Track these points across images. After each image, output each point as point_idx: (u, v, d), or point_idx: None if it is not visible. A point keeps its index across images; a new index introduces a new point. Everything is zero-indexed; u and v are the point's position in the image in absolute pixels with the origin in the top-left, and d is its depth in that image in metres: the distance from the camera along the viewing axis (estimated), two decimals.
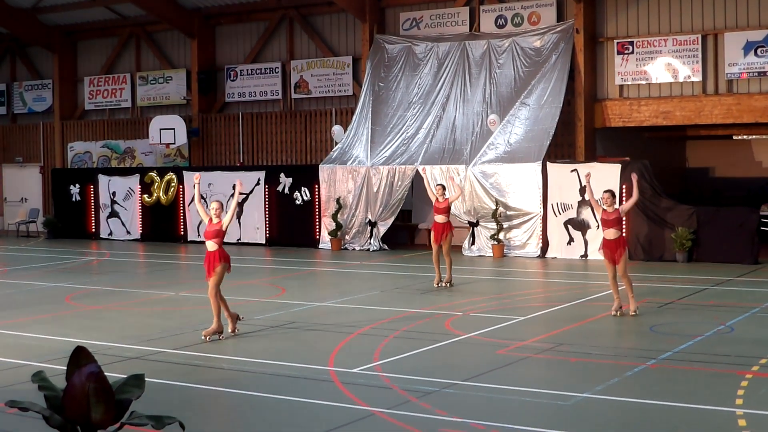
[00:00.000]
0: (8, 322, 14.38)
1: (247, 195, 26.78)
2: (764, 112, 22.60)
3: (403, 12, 27.22)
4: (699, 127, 25.90)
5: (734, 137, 28.98)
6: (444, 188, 18.06)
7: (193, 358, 11.58)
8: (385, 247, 24.86)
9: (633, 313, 13.95)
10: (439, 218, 17.53)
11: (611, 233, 14.04)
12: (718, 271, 19.30)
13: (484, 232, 23.30)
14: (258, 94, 30.01)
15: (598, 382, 9.86)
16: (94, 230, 30.09)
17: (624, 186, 20.99)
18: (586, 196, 14.33)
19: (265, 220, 26.59)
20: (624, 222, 14.61)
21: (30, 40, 33.88)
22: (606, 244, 14.11)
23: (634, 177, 14.92)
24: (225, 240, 13.00)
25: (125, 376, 5.84)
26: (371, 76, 26.64)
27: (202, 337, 12.63)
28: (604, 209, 14.17)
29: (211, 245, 12.75)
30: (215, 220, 12.80)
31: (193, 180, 13.94)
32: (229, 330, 12.97)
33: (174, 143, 30.11)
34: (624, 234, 14.22)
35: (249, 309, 15.24)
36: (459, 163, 23.59)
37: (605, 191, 14.48)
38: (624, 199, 20.25)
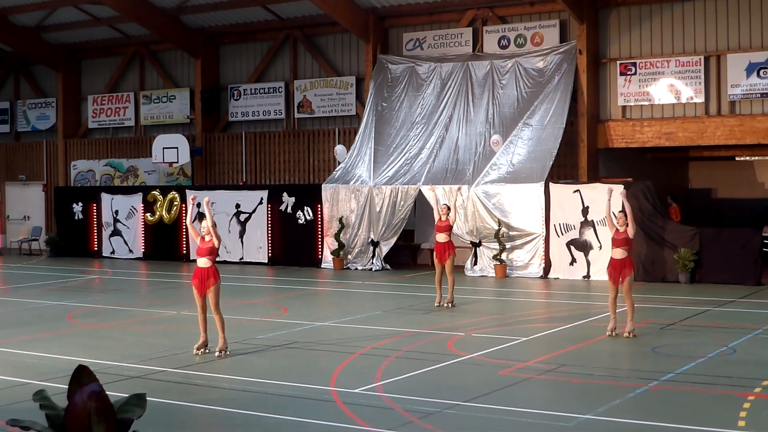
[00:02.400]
0: (10, 341, 14.37)
1: (250, 214, 26.81)
2: (767, 133, 22.62)
3: (406, 32, 27.30)
4: (701, 148, 25.91)
5: (737, 158, 28.98)
6: (448, 208, 18.02)
7: (195, 377, 11.57)
8: (388, 266, 24.84)
9: (627, 335, 13.89)
10: (441, 237, 17.52)
11: (618, 253, 14.04)
12: (720, 292, 19.27)
13: (486, 253, 23.29)
14: (261, 114, 30.08)
15: (600, 403, 9.83)
16: (96, 249, 30.10)
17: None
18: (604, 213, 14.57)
19: (268, 240, 26.56)
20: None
21: (34, 58, 34.00)
22: (612, 263, 14.12)
23: (610, 190, 15.09)
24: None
25: (127, 396, 5.84)
26: (374, 96, 26.70)
27: (217, 353, 12.74)
28: (616, 228, 14.19)
29: (204, 262, 12.83)
30: (207, 238, 12.86)
31: (201, 201, 13.77)
32: (196, 347, 13.00)
33: (177, 162, 30.17)
34: (630, 255, 14.18)
35: (251, 328, 15.25)
36: (462, 183, 23.57)
37: (620, 211, 14.49)
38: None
